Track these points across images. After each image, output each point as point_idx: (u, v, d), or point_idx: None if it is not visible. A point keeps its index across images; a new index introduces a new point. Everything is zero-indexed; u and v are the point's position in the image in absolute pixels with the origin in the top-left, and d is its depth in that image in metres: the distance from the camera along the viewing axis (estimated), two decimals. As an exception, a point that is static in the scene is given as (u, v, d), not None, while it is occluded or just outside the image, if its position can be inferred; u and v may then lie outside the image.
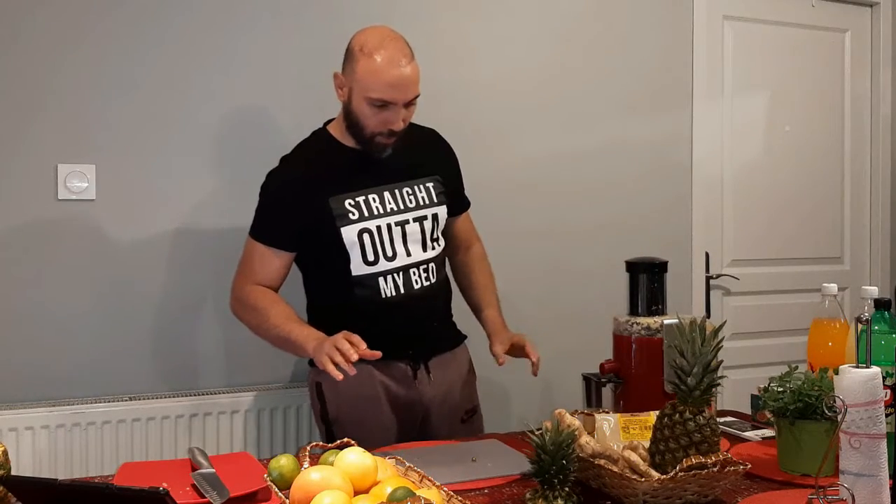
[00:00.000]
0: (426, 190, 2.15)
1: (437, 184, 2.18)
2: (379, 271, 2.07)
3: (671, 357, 1.54)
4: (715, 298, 3.61)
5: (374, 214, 2.07)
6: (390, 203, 2.09)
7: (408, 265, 2.10)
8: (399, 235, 2.09)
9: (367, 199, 2.08)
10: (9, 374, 2.52)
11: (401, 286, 2.09)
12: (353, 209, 2.06)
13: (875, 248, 3.90)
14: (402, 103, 1.99)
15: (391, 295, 2.08)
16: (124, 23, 2.63)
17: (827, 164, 3.82)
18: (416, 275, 2.11)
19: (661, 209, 3.43)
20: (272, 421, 2.71)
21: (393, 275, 2.08)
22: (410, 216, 2.11)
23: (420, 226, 2.12)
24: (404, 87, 1.97)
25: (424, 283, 2.13)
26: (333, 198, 2.05)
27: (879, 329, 1.64)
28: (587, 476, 1.57)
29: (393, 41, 1.99)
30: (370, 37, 2.00)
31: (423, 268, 2.13)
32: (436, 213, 2.16)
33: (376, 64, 1.95)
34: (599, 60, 3.32)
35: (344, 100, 2.06)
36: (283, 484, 1.45)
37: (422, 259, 2.12)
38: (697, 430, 1.48)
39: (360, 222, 2.05)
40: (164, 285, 2.68)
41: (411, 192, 2.13)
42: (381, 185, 2.09)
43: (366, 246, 2.06)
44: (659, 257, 2.13)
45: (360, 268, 2.07)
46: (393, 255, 2.08)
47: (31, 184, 2.55)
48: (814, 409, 1.59)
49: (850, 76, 3.85)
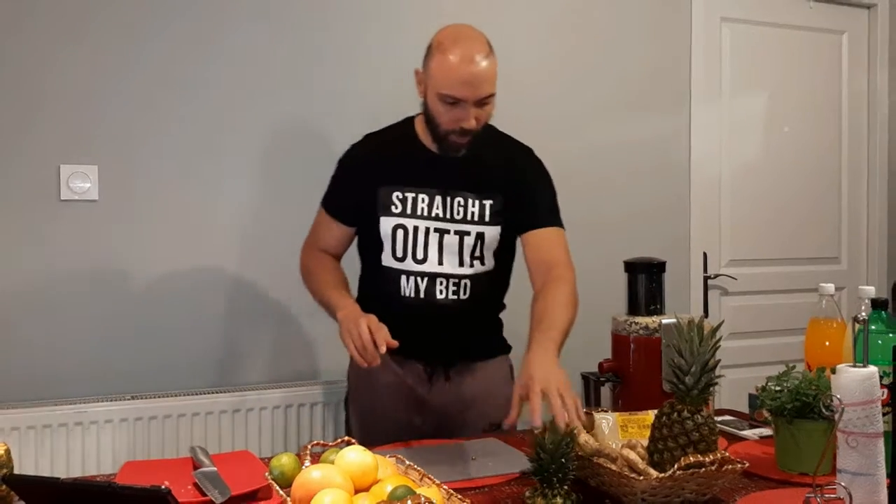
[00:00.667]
0: (480, 206, 2.07)
1: (495, 202, 2.08)
2: (403, 269, 2.06)
3: (669, 356, 1.55)
4: (713, 298, 3.62)
5: (417, 214, 2.05)
6: (437, 209, 2.06)
7: (435, 273, 2.06)
8: (435, 242, 2.06)
9: (416, 197, 2.06)
10: (11, 374, 2.53)
11: (422, 291, 2.06)
12: (398, 202, 2.06)
13: (872, 247, 3.91)
14: (472, 101, 1.94)
15: (409, 296, 2.07)
16: (127, 23, 2.64)
17: (824, 165, 3.83)
18: (442, 285, 2.07)
19: (660, 209, 3.44)
20: (273, 419, 2.72)
21: (416, 277, 2.06)
22: (453, 227, 2.06)
23: (459, 239, 2.06)
24: (475, 84, 1.94)
25: (451, 295, 2.07)
26: (385, 187, 2.06)
27: (876, 328, 1.64)
28: (586, 475, 1.58)
29: (469, 38, 1.97)
30: (448, 33, 2.00)
31: (453, 281, 2.07)
32: (482, 232, 2.07)
33: (448, 60, 1.93)
34: (597, 61, 3.33)
35: (422, 96, 2.04)
36: (284, 482, 1.45)
37: (455, 273, 2.07)
38: (695, 429, 1.48)
39: (398, 217, 2.05)
40: (166, 285, 2.69)
41: (463, 203, 2.07)
42: (436, 189, 2.06)
43: (397, 241, 2.06)
44: (657, 257, 2.14)
45: (389, 261, 2.07)
46: (423, 259, 2.06)
47: (33, 184, 2.56)
48: (811, 408, 1.60)
49: (848, 77, 3.86)
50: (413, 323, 2.01)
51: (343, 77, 2.90)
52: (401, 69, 2.96)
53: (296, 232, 2.81)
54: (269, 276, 2.81)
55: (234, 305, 2.78)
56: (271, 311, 2.82)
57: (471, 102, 1.95)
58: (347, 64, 2.91)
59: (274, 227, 2.81)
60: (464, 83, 1.93)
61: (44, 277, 2.57)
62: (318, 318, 2.87)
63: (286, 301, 2.82)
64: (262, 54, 2.80)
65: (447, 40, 1.97)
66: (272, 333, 2.82)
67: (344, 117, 2.88)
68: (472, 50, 1.94)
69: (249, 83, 2.78)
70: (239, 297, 2.78)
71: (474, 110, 1.96)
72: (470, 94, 1.94)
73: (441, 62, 1.94)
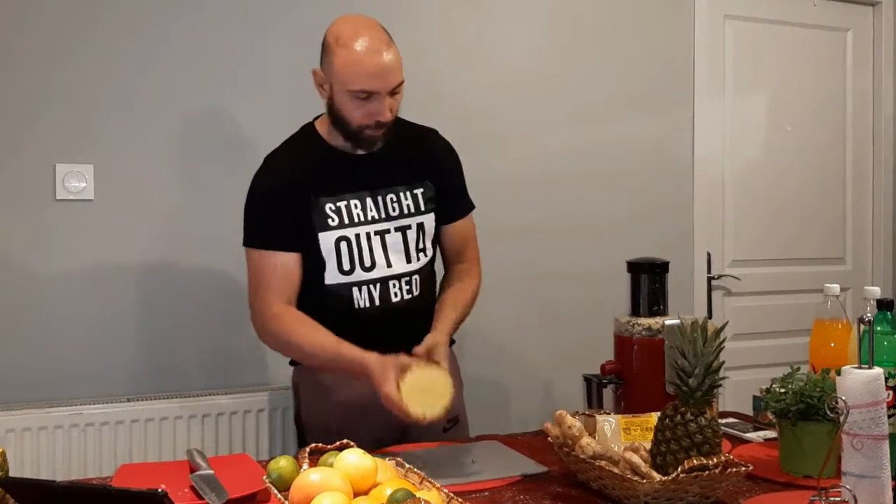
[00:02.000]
0: (412, 197, 2.03)
1: (426, 189, 2.04)
2: (353, 281, 1.97)
3: (672, 358, 1.53)
4: (716, 299, 3.61)
5: (354, 222, 1.96)
6: (371, 210, 1.98)
7: (387, 277, 1.99)
8: (379, 245, 1.98)
9: (348, 204, 1.97)
10: (6, 375, 2.52)
11: (376, 298, 1.98)
12: (333, 214, 1.96)
13: (877, 248, 3.90)
14: (385, 92, 1.87)
15: (365, 306, 1.98)
16: (123, 23, 2.63)
17: (829, 164, 3.82)
18: (395, 287, 2.00)
19: (663, 209, 3.42)
20: (271, 422, 2.70)
21: (368, 286, 1.98)
22: (392, 225, 1.99)
23: (403, 235, 2.01)
24: (386, 74, 1.86)
25: (405, 295, 2.01)
26: (316, 201, 1.95)
27: (882, 330, 1.63)
28: (588, 477, 1.57)
29: (369, 28, 1.88)
30: (344, 26, 1.89)
31: (404, 280, 2.01)
32: (422, 223, 2.03)
33: (354, 54, 1.84)
34: (600, 60, 3.32)
35: (326, 96, 1.94)
36: (283, 485, 1.44)
37: (404, 271, 2.01)
38: (699, 432, 1.47)
39: (338, 229, 1.95)
40: (163, 286, 2.68)
41: (396, 198, 2.00)
42: (363, 191, 1.98)
43: (342, 254, 1.95)
44: (660, 258, 2.13)
45: (334, 276, 1.96)
46: (371, 266, 1.97)
47: (29, 183, 2.55)
48: (816, 410, 1.59)
49: (852, 75, 3.85)
50: (369, 333, 1.92)
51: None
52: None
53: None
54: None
55: (232, 306, 2.76)
56: (271, 311, 2.80)
57: (384, 94, 1.87)
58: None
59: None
60: (374, 76, 1.85)
61: (39, 277, 2.56)
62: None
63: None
64: (261, 54, 2.79)
65: (345, 34, 1.87)
66: (272, 334, 2.80)
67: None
68: (375, 40, 1.86)
69: (248, 83, 2.77)
70: (237, 298, 2.75)
71: (388, 101, 1.89)
72: (382, 85, 1.86)
73: (346, 57, 1.85)
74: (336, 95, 1.90)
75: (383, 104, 1.88)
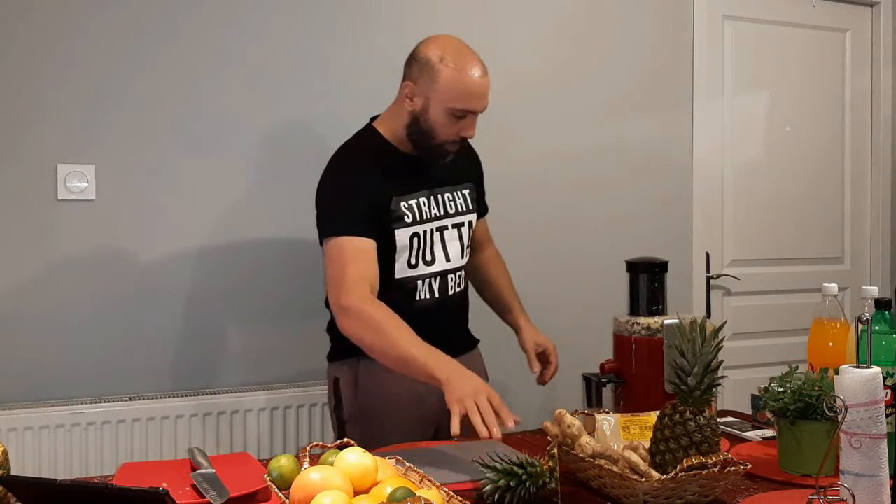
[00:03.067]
0: (463, 196, 2.19)
1: (471, 190, 2.22)
2: (417, 275, 2.08)
3: (671, 357, 1.54)
4: (715, 298, 3.61)
5: (424, 219, 2.08)
6: (434, 208, 2.11)
7: (446, 270, 2.12)
8: (439, 240, 2.11)
9: (418, 202, 2.08)
10: (8, 375, 2.52)
11: (436, 290, 2.11)
12: (407, 211, 2.06)
13: (875, 248, 3.90)
14: (480, 112, 2.03)
15: (425, 298, 2.09)
16: (124, 22, 2.63)
17: (827, 164, 3.82)
18: (452, 280, 2.14)
19: (662, 209, 3.43)
20: (272, 421, 2.71)
21: (430, 279, 2.10)
22: (450, 222, 2.13)
23: (458, 232, 2.15)
24: (485, 95, 2.02)
25: (457, 289, 2.17)
26: (390, 199, 2.04)
27: (880, 329, 1.64)
28: (587, 476, 1.57)
29: (470, 52, 2.03)
30: (448, 47, 2.01)
31: (458, 273, 2.16)
32: (471, 220, 2.20)
33: (462, 75, 1.98)
34: (599, 60, 3.32)
35: (415, 109, 2.03)
36: (283, 484, 1.45)
37: (459, 265, 2.16)
38: (698, 431, 1.48)
39: (412, 226, 2.06)
40: (164, 285, 2.68)
41: (452, 197, 2.15)
42: (424, 189, 2.10)
43: (413, 249, 2.06)
44: (659, 257, 2.13)
45: (403, 270, 2.06)
46: (432, 260, 2.10)
47: (30, 184, 2.55)
48: (814, 409, 1.59)
49: (851, 76, 3.85)
50: (424, 325, 1.96)
51: (343, 77, 2.88)
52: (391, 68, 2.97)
53: (294, 232, 2.82)
54: (268, 277, 2.80)
55: (232, 306, 2.77)
56: (271, 311, 2.81)
57: (478, 114, 2.03)
58: (346, 64, 2.89)
59: (273, 227, 2.80)
60: (479, 97, 2.00)
61: (41, 277, 2.56)
62: (318, 319, 2.87)
63: (286, 301, 2.81)
64: (260, 54, 2.79)
65: (450, 55, 1.99)
66: (271, 334, 2.81)
67: (342, 118, 2.88)
68: (479, 64, 2.01)
69: (248, 83, 2.77)
70: (238, 298, 2.78)
71: (475, 120, 2.04)
72: (480, 106, 2.02)
73: (452, 76, 1.97)
74: (431, 109, 2.01)
75: (474, 123, 2.04)
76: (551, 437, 1.62)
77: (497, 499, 1.44)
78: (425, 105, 2.01)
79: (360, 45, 2.92)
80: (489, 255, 2.39)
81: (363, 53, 2.92)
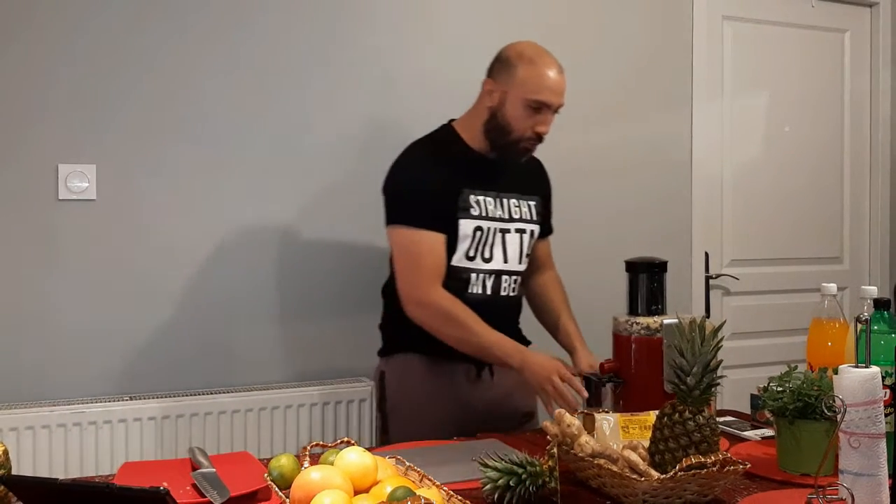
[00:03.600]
0: (529, 207, 2.28)
1: (537, 203, 2.31)
2: (473, 268, 2.17)
3: (671, 357, 1.54)
4: (714, 298, 3.61)
5: (489, 216, 2.18)
6: (499, 210, 2.20)
7: (501, 271, 2.20)
8: (500, 241, 2.19)
9: (485, 199, 2.18)
10: (9, 374, 2.52)
11: (489, 287, 2.19)
12: (474, 204, 2.16)
13: (874, 247, 3.91)
14: (555, 107, 2.13)
15: (478, 293, 2.17)
16: (124, 22, 2.63)
17: (826, 164, 3.83)
18: (506, 281, 2.22)
19: (661, 209, 3.43)
20: (272, 420, 2.71)
21: (485, 275, 2.18)
22: (513, 226, 2.22)
23: (520, 237, 2.24)
24: (560, 92, 2.13)
25: (511, 292, 2.24)
26: (461, 190, 2.14)
27: (879, 329, 1.64)
28: (587, 476, 1.57)
29: (548, 54, 2.15)
30: (527, 47, 2.15)
31: (514, 277, 2.24)
32: (533, 230, 2.28)
33: (538, 68, 2.10)
34: (598, 60, 3.32)
35: (493, 104, 2.14)
36: (284, 483, 1.45)
37: (514, 269, 2.24)
38: (697, 430, 1.48)
39: (477, 219, 2.15)
40: (163, 285, 2.68)
41: (518, 204, 2.24)
42: (493, 191, 2.20)
43: (474, 242, 2.15)
44: (658, 257, 2.13)
45: (460, 260, 2.15)
46: (490, 258, 2.18)
47: (31, 184, 2.55)
48: (813, 408, 1.59)
49: (850, 76, 3.86)
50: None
51: (326, 78, 2.89)
52: (392, 71, 2.96)
53: (294, 232, 2.82)
54: (268, 276, 2.80)
55: (232, 305, 2.77)
56: (271, 311, 2.81)
57: (553, 109, 2.13)
58: (335, 65, 2.89)
59: (273, 225, 2.80)
60: (552, 90, 2.11)
61: (41, 277, 2.56)
62: (319, 319, 2.88)
63: (286, 301, 2.82)
64: (263, 53, 2.79)
65: (529, 52, 2.13)
66: (272, 333, 2.81)
67: (339, 118, 2.88)
68: (555, 62, 2.14)
69: (247, 83, 2.77)
70: (238, 297, 2.78)
71: (550, 117, 2.14)
72: (556, 100, 2.12)
73: (530, 70, 2.10)
74: (508, 103, 2.12)
75: (548, 118, 2.13)
76: (551, 437, 1.62)
77: (497, 498, 1.45)
78: (503, 99, 2.13)
79: (363, 47, 2.92)
80: (549, 278, 2.44)
81: (367, 55, 2.92)
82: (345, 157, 2.88)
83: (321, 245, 2.86)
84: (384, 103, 2.95)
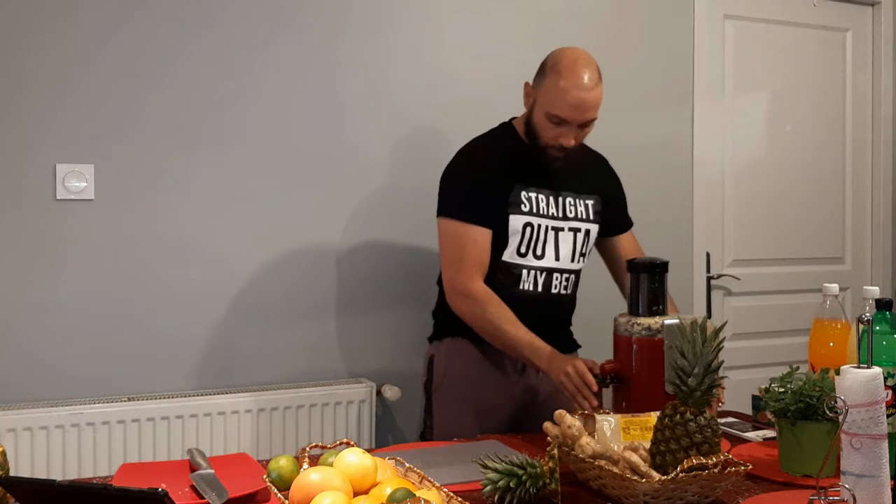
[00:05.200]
0: (585, 206, 2.27)
1: (595, 202, 2.29)
2: (524, 264, 2.18)
3: (672, 358, 1.54)
4: (716, 299, 3.61)
5: (541, 213, 2.19)
6: (552, 208, 2.21)
7: (553, 268, 2.21)
8: (552, 239, 2.20)
9: (537, 196, 2.19)
10: (8, 375, 2.52)
11: (540, 284, 2.20)
12: (525, 201, 2.17)
13: (876, 248, 3.90)
14: (576, 124, 2.10)
15: (528, 289, 2.19)
16: (122, 22, 2.62)
17: (828, 164, 3.82)
18: (558, 279, 2.23)
19: (662, 209, 3.42)
20: (271, 421, 2.70)
21: (535, 272, 2.19)
22: (567, 225, 2.22)
23: (574, 236, 2.23)
24: (583, 110, 2.08)
25: (562, 290, 2.25)
26: (513, 186, 2.16)
27: (881, 329, 1.63)
28: (587, 477, 1.57)
29: (584, 65, 2.10)
30: (565, 56, 2.12)
31: (566, 276, 2.24)
32: (588, 230, 2.27)
33: (561, 83, 2.07)
34: (599, 59, 3.28)
35: (528, 108, 2.18)
36: (283, 485, 1.45)
37: (567, 268, 2.24)
38: (698, 431, 1.48)
39: (528, 216, 2.17)
40: (163, 285, 2.68)
41: (573, 203, 2.24)
42: (547, 189, 2.21)
43: (525, 238, 2.16)
44: (660, 257, 2.13)
45: (511, 256, 2.17)
46: (542, 255, 2.19)
47: (29, 183, 2.55)
48: (815, 409, 1.59)
49: (852, 75, 3.85)
50: (522, 314, 2.12)
51: (334, 84, 2.88)
52: (394, 77, 2.96)
53: (293, 233, 2.82)
54: (268, 276, 2.80)
55: (232, 306, 2.77)
56: (270, 312, 2.80)
57: (575, 125, 2.10)
58: (339, 67, 2.89)
59: (270, 227, 2.79)
60: (572, 107, 2.07)
61: (39, 277, 2.56)
62: (320, 318, 2.87)
63: (286, 301, 2.81)
64: (259, 54, 2.79)
65: (563, 63, 2.10)
66: (271, 334, 2.81)
67: (337, 118, 2.88)
68: (584, 77, 2.08)
69: (247, 83, 2.77)
70: (237, 298, 2.77)
71: (575, 131, 2.11)
72: (576, 117, 2.09)
73: (554, 84, 2.08)
74: (535, 111, 2.15)
75: (570, 132, 2.11)
76: (551, 438, 1.61)
77: (497, 500, 1.44)
78: (532, 106, 2.16)
79: (366, 55, 2.91)
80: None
81: (369, 62, 2.91)
82: (331, 154, 2.87)
83: (320, 245, 2.86)
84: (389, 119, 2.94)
